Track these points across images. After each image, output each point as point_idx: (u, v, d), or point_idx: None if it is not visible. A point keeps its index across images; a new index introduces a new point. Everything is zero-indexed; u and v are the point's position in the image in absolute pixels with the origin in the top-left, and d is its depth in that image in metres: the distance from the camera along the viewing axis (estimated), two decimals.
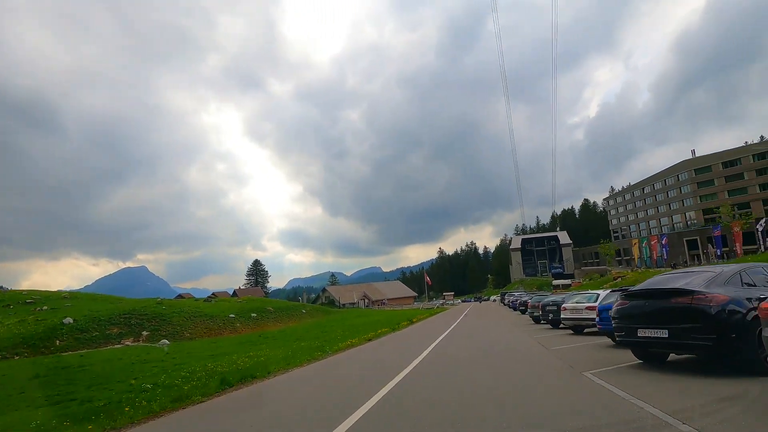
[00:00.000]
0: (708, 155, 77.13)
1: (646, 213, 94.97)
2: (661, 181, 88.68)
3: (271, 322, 47.98)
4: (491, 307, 52.85)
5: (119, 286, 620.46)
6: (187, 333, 34.20)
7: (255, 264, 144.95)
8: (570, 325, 13.34)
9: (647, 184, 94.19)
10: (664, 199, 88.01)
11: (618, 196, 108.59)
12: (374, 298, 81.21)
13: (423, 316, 37.27)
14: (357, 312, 61.89)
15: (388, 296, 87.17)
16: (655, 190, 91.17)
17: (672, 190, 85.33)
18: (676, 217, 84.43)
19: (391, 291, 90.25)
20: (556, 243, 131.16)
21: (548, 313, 15.97)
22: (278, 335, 27.69)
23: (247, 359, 11.57)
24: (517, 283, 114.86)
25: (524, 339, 12.97)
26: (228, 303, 52.42)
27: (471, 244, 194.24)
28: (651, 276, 31.72)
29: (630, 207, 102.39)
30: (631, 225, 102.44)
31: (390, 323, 27.50)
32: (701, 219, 76.81)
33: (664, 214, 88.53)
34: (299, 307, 60.27)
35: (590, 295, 13.14)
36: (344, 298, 79.43)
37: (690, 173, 79.22)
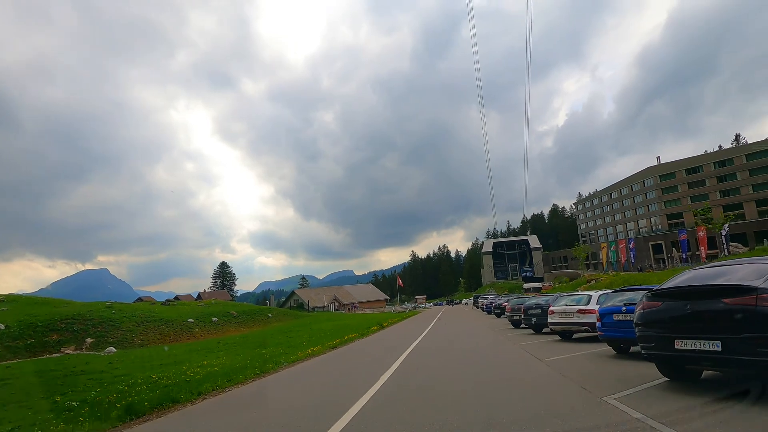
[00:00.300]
0: (672, 162, 79.49)
1: (613, 218, 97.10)
2: (628, 187, 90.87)
3: (234, 327, 45.45)
4: (464, 310, 51.83)
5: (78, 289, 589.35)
6: (137, 339, 31.35)
7: (222, 266, 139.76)
8: (558, 330, 11.94)
9: (615, 189, 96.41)
10: (631, 205, 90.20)
11: (586, 201, 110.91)
12: (345, 302, 79.00)
13: (394, 320, 35.74)
14: (326, 316, 59.67)
15: (359, 300, 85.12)
16: (622, 196, 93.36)
17: (638, 195, 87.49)
18: (642, 222, 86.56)
19: (362, 294, 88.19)
20: (527, 247, 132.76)
21: (531, 317, 14.58)
22: (240, 341, 26.11)
23: (199, 369, 10.46)
24: (489, 287, 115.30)
25: (510, 348, 11.43)
26: (188, 307, 49.33)
27: (443, 248, 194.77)
28: (623, 278, 31.15)
29: (598, 212, 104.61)
30: (599, 230, 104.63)
31: (359, 328, 25.94)
32: (665, 224, 78.87)
33: (630, 219, 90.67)
34: (265, 311, 57.58)
35: (581, 297, 11.79)
36: (314, 301, 76.85)
37: (655, 179, 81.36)
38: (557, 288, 62.59)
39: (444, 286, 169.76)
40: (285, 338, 23.67)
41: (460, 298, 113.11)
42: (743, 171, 69.37)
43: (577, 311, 11.16)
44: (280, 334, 30.10)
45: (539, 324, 14.33)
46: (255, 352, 15.08)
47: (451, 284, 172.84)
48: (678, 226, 77.08)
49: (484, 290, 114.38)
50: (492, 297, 39.09)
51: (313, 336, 21.64)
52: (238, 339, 29.95)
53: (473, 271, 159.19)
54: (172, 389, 7.50)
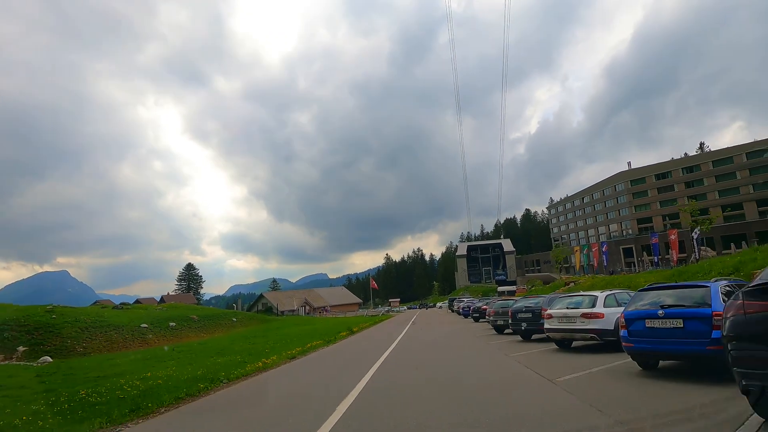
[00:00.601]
0: (642, 167, 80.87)
1: (585, 222, 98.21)
2: (599, 191, 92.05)
3: (194, 332, 42.20)
4: (438, 314, 50.11)
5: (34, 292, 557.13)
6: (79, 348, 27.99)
7: (188, 268, 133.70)
8: (557, 338, 10.07)
9: (587, 194, 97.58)
10: (602, 209, 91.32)
11: (559, 206, 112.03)
12: (316, 305, 76.15)
13: (366, 324, 33.72)
14: (295, 320, 56.84)
15: (331, 303, 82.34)
16: (594, 200, 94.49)
17: (609, 200, 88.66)
18: (613, 226, 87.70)
19: (334, 297, 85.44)
20: (500, 250, 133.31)
21: (521, 321, 12.71)
22: (197, 348, 23.17)
23: (139, 382, 9.10)
24: (462, 290, 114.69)
25: (502, 361, 9.45)
26: (144, 311, 45.74)
27: (418, 251, 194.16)
28: (606, 281, 29.31)
29: (570, 216, 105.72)
30: (571, 233, 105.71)
31: (327, 333, 23.65)
32: (636, 228, 79.93)
33: (601, 223, 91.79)
34: (230, 315, 54.28)
35: (583, 299, 9.96)
36: (283, 304, 73.58)
37: (626, 184, 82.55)
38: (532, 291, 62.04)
39: (418, 289, 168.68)
40: (247, 345, 21.42)
41: (434, 302, 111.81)
42: (710, 177, 71.02)
43: (580, 315, 9.31)
44: (242, 341, 28.03)
45: (530, 330, 12.49)
46: (209, 361, 13.37)
47: (425, 288, 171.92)
48: (648, 230, 78.29)
49: (458, 293, 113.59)
50: (468, 300, 37.49)
51: (278, 342, 19.99)
52: (196, 346, 27.44)
53: (447, 275, 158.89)
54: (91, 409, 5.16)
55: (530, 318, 12.31)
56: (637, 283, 21.46)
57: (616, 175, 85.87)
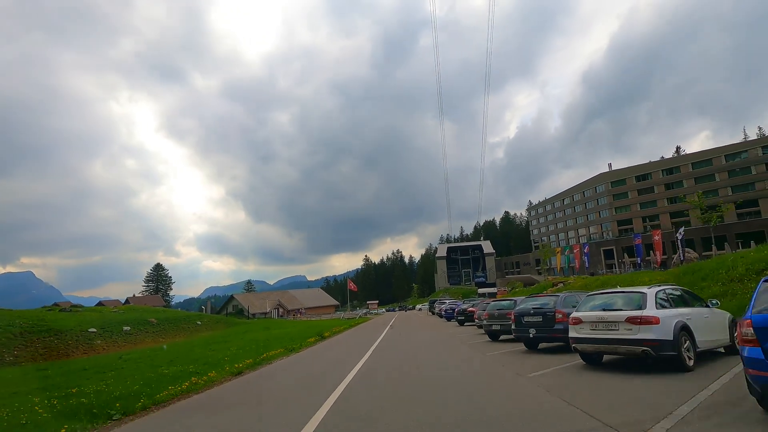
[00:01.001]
0: (623, 169, 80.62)
1: (565, 224, 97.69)
2: (580, 193, 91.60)
3: (152, 337, 38.55)
4: (419, 317, 47.53)
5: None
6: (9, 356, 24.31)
7: (156, 269, 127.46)
8: (589, 350, 7.38)
9: (567, 195, 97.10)
10: (583, 211, 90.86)
11: (539, 207, 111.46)
12: (290, 308, 72.47)
13: (340, 328, 30.81)
14: (266, 323, 53.21)
15: (306, 305, 78.73)
16: (574, 202, 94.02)
17: (590, 201, 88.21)
18: (593, 227, 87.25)
19: (310, 299, 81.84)
20: (480, 252, 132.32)
21: (528, 327, 10.02)
22: (148, 356, 20.32)
23: (56, 402, 7.45)
24: (442, 292, 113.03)
25: (517, 385, 6.68)
26: (98, 314, 41.73)
27: (397, 253, 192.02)
28: (602, 281, 26.82)
29: (550, 218, 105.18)
30: (551, 235, 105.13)
31: (295, 339, 20.74)
32: (616, 230, 79.49)
33: (582, 225, 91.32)
34: (194, 318, 50.33)
35: (623, 298, 7.33)
36: (255, 307, 69.63)
37: (607, 186, 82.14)
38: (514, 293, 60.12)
39: (397, 291, 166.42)
40: (206, 352, 18.57)
41: (413, 304, 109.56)
42: (689, 179, 71.00)
43: (625, 320, 6.66)
44: (202, 347, 24.55)
45: (539, 338, 9.82)
46: (159, 371, 11.59)
47: (404, 290, 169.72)
48: (628, 232, 77.93)
49: (437, 296, 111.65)
50: (451, 301, 34.97)
51: (241, 348, 18.02)
52: (149, 352, 23.90)
53: (427, 277, 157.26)
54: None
55: (540, 323, 9.66)
56: (642, 282, 19.25)
57: (596, 177, 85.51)
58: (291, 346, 16.87)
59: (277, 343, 19.53)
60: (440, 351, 12.44)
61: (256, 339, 25.19)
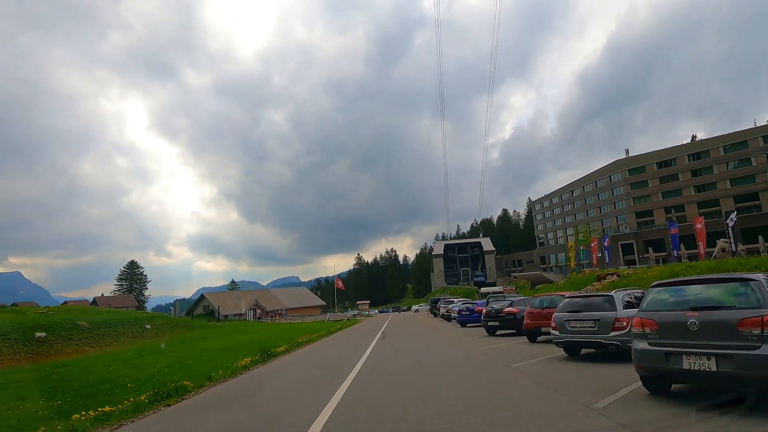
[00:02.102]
0: (643, 155, 72.61)
1: (574, 217, 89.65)
2: (592, 183, 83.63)
3: (75, 345, 30.69)
4: (417, 319, 39.01)
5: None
6: None
7: (130, 266, 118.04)
8: None
9: (577, 186, 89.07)
10: (595, 202, 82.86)
11: (545, 200, 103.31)
12: (270, 308, 63.75)
13: (320, 334, 23.22)
14: (236, 327, 44.40)
15: (289, 306, 69.97)
16: (585, 193, 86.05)
17: (603, 192, 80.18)
18: (608, 221, 79.26)
19: (294, 299, 73.05)
20: (479, 250, 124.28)
21: None
22: (26, 378, 14.56)
23: None
24: (440, 291, 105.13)
25: None
26: (11, 315, 33.50)
27: (391, 251, 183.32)
28: (670, 270, 17.88)
29: (558, 211, 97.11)
30: (558, 231, 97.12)
31: (255, 350, 14.84)
32: (634, 223, 71.51)
33: (594, 218, 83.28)
34: (143, 321, 41.50)
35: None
36: (228, 307, 60.80)
37: (623, 174, 74.17)
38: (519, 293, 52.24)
39: (391, 291, 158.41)
40: (125, 370, 13.77)
41: (408, 305, 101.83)
42: (720, 164, 63.18)
43: None
44: (132, 359, 18.49)
45: None
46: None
47: (398, 290, 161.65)
48: (648, 224, 70.01)
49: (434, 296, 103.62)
50: (464, 300, 26.55)
51: (182, 361, 14.21)
52: (48, 370, 16.67)
53: (422, 276, 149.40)
54: None
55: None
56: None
57: (611, 164, 77.46)
58: (230, 371, 8.40)
59: (230, 354, 15.27)
60: (493, 399, 4.11)
61: (210, 348, 20.31)
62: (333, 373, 8.56)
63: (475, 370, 8.13)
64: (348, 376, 7.85)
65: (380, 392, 6.37)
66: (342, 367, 9.19)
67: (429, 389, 6.30)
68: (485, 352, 10.73)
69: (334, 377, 7.90)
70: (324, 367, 10.37)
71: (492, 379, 7.01)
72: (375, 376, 7.87)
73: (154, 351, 22.59)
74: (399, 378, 7.55)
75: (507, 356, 9.47)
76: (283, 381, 8.48)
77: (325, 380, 7.84)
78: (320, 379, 8.15)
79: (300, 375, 9.22)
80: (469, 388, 6.29)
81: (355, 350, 13.38)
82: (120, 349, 28.79)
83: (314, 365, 11.06)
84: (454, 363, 9.19)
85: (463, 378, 7.23)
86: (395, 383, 7.06)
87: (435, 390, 6.22)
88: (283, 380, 8.59)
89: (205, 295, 63.57)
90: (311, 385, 7.48)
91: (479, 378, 7.18)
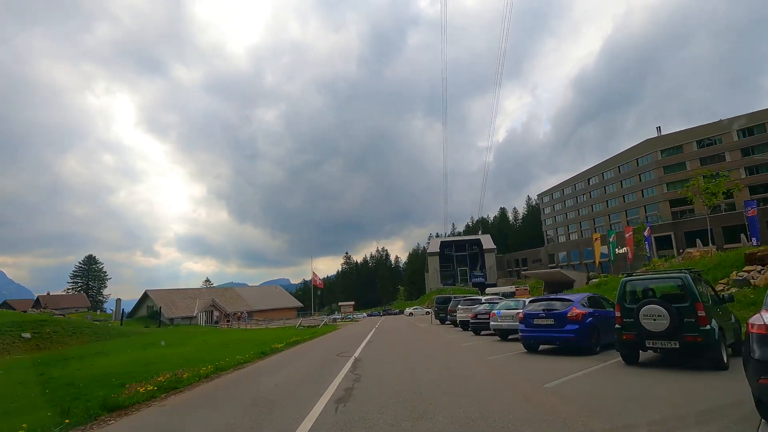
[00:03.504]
0: (679, 133, 61.72)
1: (591, 209, 78.73)
2: (613, 169, 72.72)
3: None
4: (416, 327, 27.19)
5: None
6: None
7: (88, 261, 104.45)
8: None
9: (594, 173, 78.15)
10: (617, 191, 71.89)
11: (555, 192, 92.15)
12: (231, 309, 51.59)
13: (276, 346, 15.35)
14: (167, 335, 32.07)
15: (257, 307, 57.74)
16: (605, 181, 75.16)
17: (628, 178, 69.24)
18: (633, 211, 68.30)
19: (264, 300, 60.81)
20: (478, 247, 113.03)
21: None
22: None
23: None
24: (435, 293, 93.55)
25: None
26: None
27: (382, 251, 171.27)
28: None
29: (570, 203, 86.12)
30: (570, 225, 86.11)
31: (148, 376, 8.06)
32: (668, 212, 60.59)
33: (615, 209, 72.37)
34: (25, 327, 29.53)
35: None
36: (177, 308, 48.52)
37: (655, 155, 63.24)
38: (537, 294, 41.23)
39: (382, 293, 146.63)
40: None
41: (399, 307, 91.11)
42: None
43: None
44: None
45: None
46: None
47: (389, 292, 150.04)
48: (685, 214, 59.06)
49: (429, 297, 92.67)
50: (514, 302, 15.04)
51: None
52: None
53: (415, 277, 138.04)
54: None
55: None
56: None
57: (641, 145, 66.42)
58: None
59: (102, 384, 8.25)
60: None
61: (81, 376, 10.29)
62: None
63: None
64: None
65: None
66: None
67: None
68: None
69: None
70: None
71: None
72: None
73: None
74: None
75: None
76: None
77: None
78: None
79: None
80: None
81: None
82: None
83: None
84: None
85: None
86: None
87: None
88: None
89: (148, 292, 51.05)
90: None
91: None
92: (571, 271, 61.98)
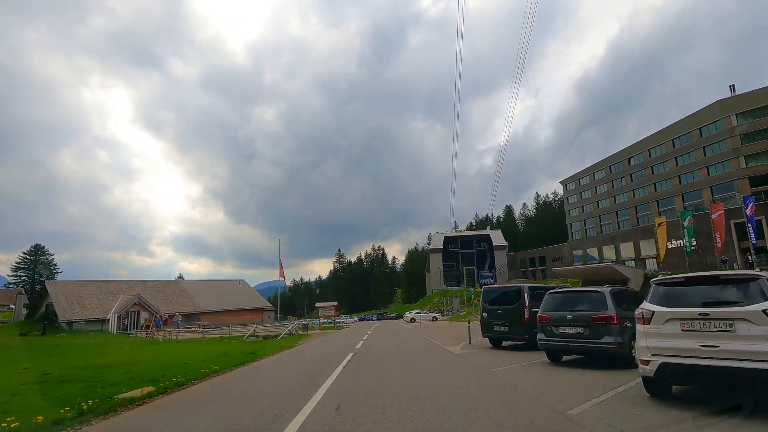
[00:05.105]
0: (759, 90, 47.86)
1: (632, 194, 64.73)
2: (666, 143, 58.80)
3: None
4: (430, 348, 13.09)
5: None
6: None
7: (34, 252, 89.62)
8: None
9: (638, 151, 64.21)
10: (670, 170, 57.95)
11: (582, 177, 78.05)
12: (170, 310, 37.48)
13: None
14: (32, 350, 17.49)
15: (211, 308, 43.55)
16: (651, 159, 61.27)
17: (688, 153, 55.32)
18: (691, 195, 54.38)
19: (218, 299, 46.45)
20: (487, 245, 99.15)
21: None
22: None
23: None
24: (437, 295, 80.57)
25: None
26: None
27: (378, 249, 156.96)
28: None
29: (603, 190, 72.18)
30: (603, 216, 72.07)
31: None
32: (748, 190, 46.66)
33: (665, 193, 58.41)
34: None
35: None
36: (86, 307, 34.34)
37: (728, 121, 49.37)
38: None
39: (377, 296, 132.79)
40: None
41: (396, 311, 78.41)
42: None
43: None
44: None
45: None
46: None
47: (385, 294, 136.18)
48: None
49: (431, 300, 79.22)
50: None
51: None
52: None
53: (414, 278, 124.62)
54: None
55: None
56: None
57: (706, 109, 52.58)
58: None
59: None
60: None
61: None
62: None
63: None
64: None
65: None
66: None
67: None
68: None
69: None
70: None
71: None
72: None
73: None
74: None
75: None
76: None
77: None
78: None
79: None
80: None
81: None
82: None
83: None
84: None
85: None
86: None
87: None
88: None
89: (47, 285, 36.88)
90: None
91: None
92: (624, 266, 48.40)
